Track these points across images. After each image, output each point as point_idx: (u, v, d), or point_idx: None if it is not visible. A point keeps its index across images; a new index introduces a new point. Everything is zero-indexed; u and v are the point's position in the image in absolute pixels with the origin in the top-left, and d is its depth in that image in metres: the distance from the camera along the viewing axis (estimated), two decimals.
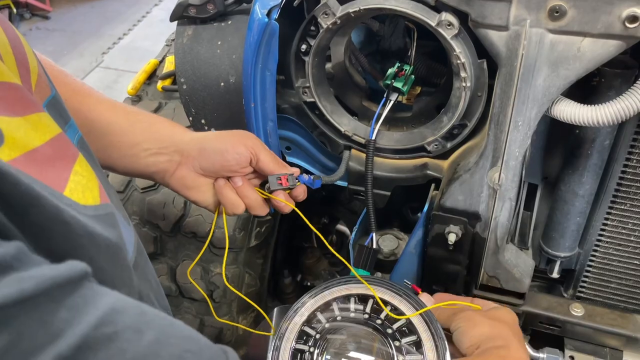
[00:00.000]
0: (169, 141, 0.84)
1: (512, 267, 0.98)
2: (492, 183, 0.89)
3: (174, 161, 0.84)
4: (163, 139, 0.84)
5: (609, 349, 1.03)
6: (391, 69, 0.99)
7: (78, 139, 0.67)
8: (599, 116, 0.78)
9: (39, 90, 0.61)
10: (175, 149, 0.84)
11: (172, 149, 0.84)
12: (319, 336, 0.85)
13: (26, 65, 0.60)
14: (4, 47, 0.57)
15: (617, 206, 0.97)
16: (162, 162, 0.84)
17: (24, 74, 0.59)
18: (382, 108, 0.98)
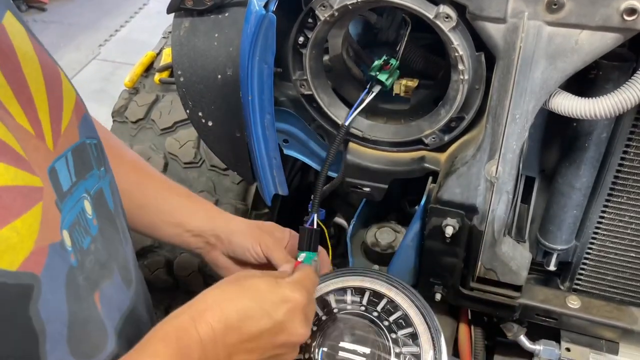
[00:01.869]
0: (209, 226, 0.97)
1: (509, 259, 0.98)
2: (489, 176, 0.89)
3: (210, 244, 0.98)
4: (204, 224, 0.97)
5: (605, 341, 1.03)
6: (377, 60, 0.99)
7: (96, 189, 0.69)
8: (597, 109, 0.78)
9: (66, 135, 0.63)
10: (212, 233, 0.97)
11: (210, 234, 0.97)
12: (315, 328, 0.85)
13: (59, 108, 0.63)
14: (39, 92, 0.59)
15: (614, 199, 0.97)
16: (200, 244, 0.98)
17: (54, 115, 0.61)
18: (365, 96, 0.99)
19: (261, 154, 1.02)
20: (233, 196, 1.45)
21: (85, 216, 0.65)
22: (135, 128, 1.52)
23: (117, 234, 0.74)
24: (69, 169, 0.62)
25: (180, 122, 1.48)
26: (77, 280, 0.60)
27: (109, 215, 0.72)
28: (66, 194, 0.61)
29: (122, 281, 0.73)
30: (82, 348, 0.59)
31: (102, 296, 0.65)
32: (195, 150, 1.45)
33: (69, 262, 0.58)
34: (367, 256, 1.22)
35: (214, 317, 0.64)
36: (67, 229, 0.59)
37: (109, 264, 0.69)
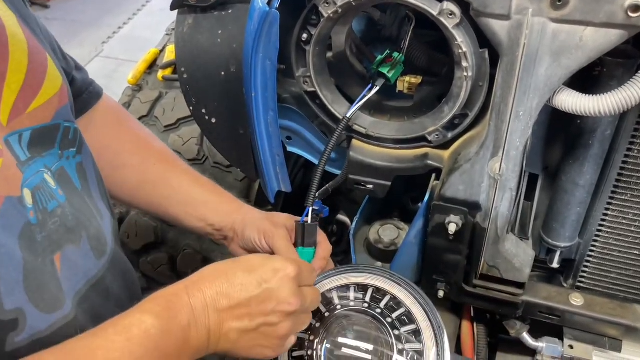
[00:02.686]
0: (229, 221, 1.02)
1: (512, 257, 0.98)
2: (492, 173, 0.89)
3: (229, 237, 1.03)
4: (225, 219, 1.02)
5: (608, 339, 1.03)
6: (380, 55, 0.99)
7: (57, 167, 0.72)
8: (601, 106, 0.78)
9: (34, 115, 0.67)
10: (230, 227, 1.02)
11: (229, 228, 1.02)
12: (318, 325, 0.85)
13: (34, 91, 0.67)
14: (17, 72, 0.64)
15: (618, 196, 0.97)
16: (220, 236, 1.04)
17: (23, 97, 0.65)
18: (367, 92, 0.99)
19: (264, 151, 1.03)
20: (236, 193, 1.45)
21: (48, 185, 0.69)
22: None
23: (88, 208, 0.78)
24: (21, 145, 0.66)
25: (183, 119, 1.48)
26: (34, 236, 0.63)
27: (77, 192, 0.76)
28: (24, 163, 0.65)
29: (92, 250, 0.77)
30: (41, 299, 0.63)
31: (63, 258, 0.69)
32: (198, 147, 1.45)
33: (27, 218, 0.62)
34: (370, 253, 1.22)
35: (206, 285, 0.66)
36: (30, 189, 0.63)
37: (77, 231, 0.73)
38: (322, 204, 1.19)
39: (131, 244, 1.46)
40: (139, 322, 0.61)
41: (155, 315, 0.61)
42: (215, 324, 0.66)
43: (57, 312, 0.66)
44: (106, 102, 1.04)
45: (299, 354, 0.83)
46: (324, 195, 1.19)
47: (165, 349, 0.62)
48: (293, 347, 0.83)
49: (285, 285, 0.70)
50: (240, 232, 1.00)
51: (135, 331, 0.60)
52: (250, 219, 1.00)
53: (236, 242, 1.02)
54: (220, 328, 0.66)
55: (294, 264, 0.73)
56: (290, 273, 0.71)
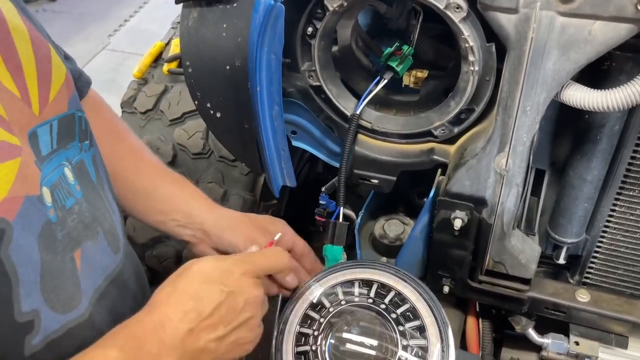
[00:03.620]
0: (197, 219, 0.96)
1: (518, 253, 0.97)
2: (499, 169, 0.88)
3: (196, 237, 0.97)
4: (192, 215, 0.96)
5: (615, 335, 1.03)
6: (389, 48, 0.98)
7: (77, 160, 0.72)
8: (609, 101, 0.77)
9: (54, 104, 0.67)
10: (199, 227, 0.96)
11: (197, 227, 0.96)
12: (323, 320, 0.85)
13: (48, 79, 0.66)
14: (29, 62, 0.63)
15: (626, 192, 0.96)
16: (187, 235, 0.98)
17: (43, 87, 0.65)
18: (375, 86, 0.98)
19: (269, 146, 1.02)
20: (241, 187, 1.45)
21: (67, 181, 0.68)
22: (144, 119, 1.52)
23: (102, 203, 0.77)
24: (51, 136, 0.65)
25: (188, 112, 1.48)
26: (54, 234, 0.63)
27: (92, 186, 0.75)
28: (45, 159, 0.64)
29: (109, 246, 0.76)
30: (56, 299, 0.62)
31: (83, 255, 0.69)
32: (204, 141, 1.45)
33: (47, 216, 0.61)
34: (375, 248, 1.21)
35: (169, 308, 0.66)
36: (48, 187, 0.62)
37: (93, 227, 0.72)
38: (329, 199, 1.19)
39: (137, 238, 1.46)
40: (103, 357, 0.59)
41: (119, 348, 0.60)
42: (190, 342, 0.65)
43: (72, 312, 0.65)
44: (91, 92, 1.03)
45: (303, 349, 0.83)
46: (330, 190, 1.19)
47: None
48: (297, 343, 0.83)
49: (245, 282, 0.71)
50: (215, 234, 0.96)
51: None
52: (229, 222, 0.97)
53: (206, 244, 0.97)
54: (197, 345, 0.66)
55: (244, 263, 0.73)
56: (246, 269, 0.72)
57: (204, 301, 0.67)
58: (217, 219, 0.97)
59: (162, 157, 1.44)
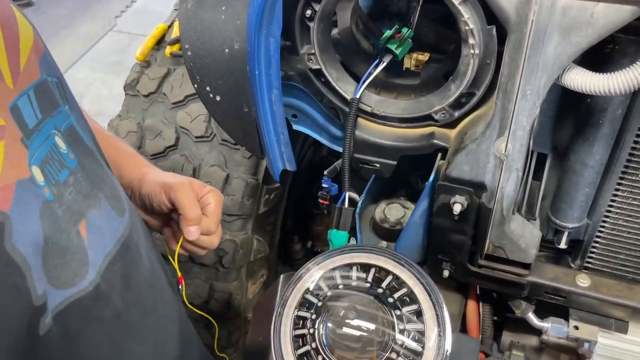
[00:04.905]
0: (127, 179, 0.94)
1: (518, 237, 0.97)
2: (498, 153, 0.88)
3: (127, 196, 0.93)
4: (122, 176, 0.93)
5: (615, 320, 1.03)
6: (388, 30, 0.97)
7: (66, 126, 0.69)
8: (612, 85, 0.76)
9: (26, 72, 0.62)
10: (128, 186, 0.94)
11: (126, 186, 0.93)
12: (320, 304, 0.86)
13: (16, 46, 0.61)
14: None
15: (628, 177, 0.95)
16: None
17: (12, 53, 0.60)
18: (374, 69, 0.97)
19: (269, 129, 1.02)
20: (244, 170, 1.45)
21: (58, 151, 0.65)
22: (147, 102, 1.52)
23: (99, 167, 0.75)
24: (32, 106, 0.62)
25: (191, 95, 1.47)
26: (54, 213, 0.61)
27: (86, 150, 0.73)
28: (33, 131, 0.61)
29: (113, 210, 0.74)
30: (57, 278, 0.61)
31: (89, 225, 0.67)
32: (206, 124, 1.44)
33: (43, 196, 0.59)
34: (376, 232, 1.21)
35: None
36: (37, 165, 0.60)
37: (93, 194, 0.70)
38: (332, 182, 1.19)
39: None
40: None
41: None
42: None
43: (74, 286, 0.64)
44: None
45: (301, 332, 0.84)
46: (332, 174, 1.19)
47: None
48: (295, 326, 0.84)
49: None
50: (137, 189, 0.93)
51: None
52: (151, 177, 0.94)
53: (134, 202, 0.94)
54: None
55: None
56: None
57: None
58: (143, 177, 0.94)
59: (165, 140, 1.44)
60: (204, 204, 0.92)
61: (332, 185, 1.18)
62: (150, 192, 0.91)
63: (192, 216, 0.87)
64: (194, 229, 0.87)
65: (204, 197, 0.92)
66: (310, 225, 1.88)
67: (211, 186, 0.96)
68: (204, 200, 0.92)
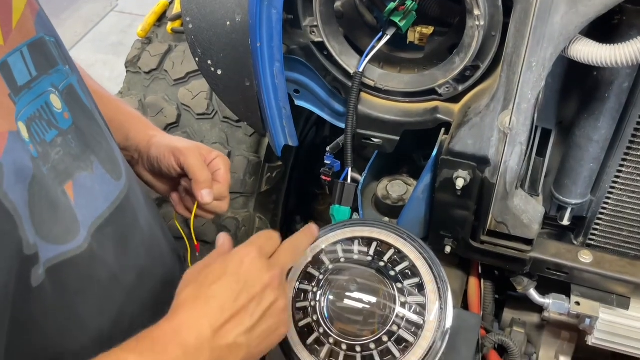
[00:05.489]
0: (134, 141, 0.95)
1: (521, 213, 0.96)
2: (502, 127, 0.87)
3: (134, 159, 0.97)
4: (129, 138, 0.95)
5: (616, 296, 1.03)
6: (392, 2, 0.95)
7: (65, 85, 0.68)
8: (618, 56, 0.75)
9: (19, 30, 0.62)
10: (135, 149, 0.95)
11: (133, 149, 0.95)
12: (322, 277, 0.86)
13: (7, 4, 0.61)
14: None
15: (634, 152, 0.94)
16: (126, 156, 0.94)
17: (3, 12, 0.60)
18: (377, 42, 0.96)
19: (270, 104, 1.01)
20: (246, 148, 1.45)
21: (51, 110, 0.65)
22: (149, 78, 1.51)
23: (98, 129, 0.75)
24: (26, 64, 0.62)
25: (192, 72, 1.46)
26: (40, 169, 0.61)
27: (85, 111, 0.73)
28: (22, 89, 0.61)
29: (108, 173, 0.74)
30: (49, 232, 0.61)
31: (76, 186, 0.67)
32: (208, 101, 1.44)
33: (29, 152, 0.60)
34: (378, 209, 1.21)
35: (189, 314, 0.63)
36: (23, 122, 0.60)
37: (85, 157, 0.70)
38: (334, 159, 1.18)
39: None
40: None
41: (138, 354, 0.57)
42: (217, 342, 0.62)
43: (69, 243, 0.64)
44: None
45: (303, 305, 0.84)
46: (335, 150, 1.18)
47: None
48: (297, 299, 0.84)
49: (256, 267, 0.68)
50: (145, 152, 0.94)
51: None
52: (159, 140, 0.95)
53: (141, 165, 0.96)
54: (225, 342, 0.63)
55: (249, 245, 0.70)
56: (252, 254, 0.69)
57: (223, 297, 0.64)
58: (150, 139, 0.95)
59: (166, 118, 1.44)
60: (213, 169, 0.93)
61: (334, 161, 1.17)
62: (159, 155, 0.92)
63: (203, 179, 0.89)
64: (206, 193, 0.89)
65: (213, 162, 0.93)
66: (313, 205, 1.87)
67: (218, 151, 0.96)
68: (213, 166, 0.93)
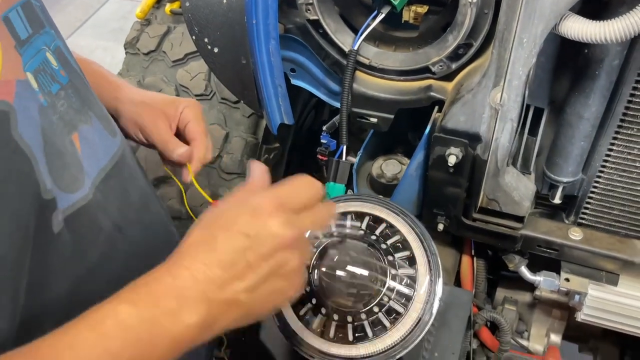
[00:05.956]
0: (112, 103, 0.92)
1: (512, 190, 0.98)
2: (494, 103, 0.88)
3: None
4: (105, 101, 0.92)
5: (605, 273, 1.04)
6: None
7: (55, 46, 0.70)
8: (607, 32, 0.76)
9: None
10: (114, 110, 0.92)
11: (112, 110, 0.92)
12: (315, 250, 0.87)
13: None
14: None
15: (624, 131, 0.95)
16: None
17: None
18: (372, 20, 0.97)
19: (266, 81, 1.02)
20: (244, 129, 1.46)
21: (50, 66, 0.66)
22: (147, 60, 1.52)
23: (88, 90, 0.76)
24: (22, 21, 0.62)
25: (191, 53, 1.47)
26: (49, 117, 0.62)
27: (75, 71, 0.74)
28: (24, 42, 0.62)
29: (105, 129, 0.76)
30: (61, 179, 0.62)
31: (81, 138, 0.68)
32: (206, 82, 1.45)
33: (39, 101, 0.61)
34: (373, 187, 1.22)
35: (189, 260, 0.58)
36: (31, 72, 0.61)
37: (84, 111, 0.71)
38: (330, 138, 1.20)
39: None
40: (114, 312, 0.53)
41: (132, 304, 0.54)
42: (216, 295, 0.57)
43: (77, 192, 0.65)
44: None
45: None
46: (331, 129, 1.19)
47: (152, 339, 0.54)
48: None
49: (273, 222, 0.60)
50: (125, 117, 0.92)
51: (109, 323, 0.52)
52: (125, 108, 0.92)
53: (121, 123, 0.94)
54: (224, 297, 0.58)
55: (267, 197, 0.62)
56: (267, 207, 0.61)
57: (227, 249, 0.59)
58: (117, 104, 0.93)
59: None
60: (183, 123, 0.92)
61: (330, 140, 1.18)
62: (125, 127, 0.92)
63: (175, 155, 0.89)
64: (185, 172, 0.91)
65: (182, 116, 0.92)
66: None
67: (185, 99, 0.95)
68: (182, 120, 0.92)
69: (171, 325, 0.55)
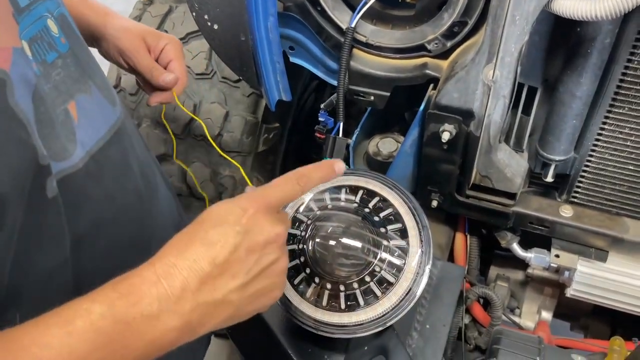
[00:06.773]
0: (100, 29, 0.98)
1: (504, 166, 1.00)
2: (486, 80, 0.90)
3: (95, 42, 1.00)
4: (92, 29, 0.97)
5: (595, 250, 1.06)
6: None
7: (59, 13, 0.71)
8: (598, 9, 0.77)
9: None
10: (100, 35, 0.98)
11: (98, 36, 0.98)
12: (310, 222, 0.90)
13: None
14: None
15: (616, 110, 0.97)
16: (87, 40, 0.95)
17: None
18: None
19: (264, 58, 1.04)
20: (244, 108, 1.48)
21: (49, 33, 0.67)
22: None
23: (91, 58, 0.78)
24: None
25: (192, 33, 1.49)
26: (42, 87, 0.63)
27: (78, 39, 0.75)
28: (24, 10, 0.63)
29: (105, 99, 0.78)
30: (51, 147, 0.63)
31: (79, 107, 0.70)
32: (207, 61, 1.46)
33: (33, 69, 0.62)
34: (369, 165, 1.24)
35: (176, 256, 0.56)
36: (26, 40, 0.62)
37: (83, 80, 0.73)
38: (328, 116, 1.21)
39: None
40: (87, 312, 0.50)
41: (108, 304, 0.51)
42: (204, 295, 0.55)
43: (65, 161, 0.66)
44: None
45: (292, 248, 0.88)
46: (329, 107, 1.21)
47: (125, 343, 0.51)
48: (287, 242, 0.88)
49: (262, 220, 0.61)
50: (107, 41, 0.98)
51: (78, 324, 0.49)
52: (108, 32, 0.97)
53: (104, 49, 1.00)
54: (213, 297, 0.56)
55: (258, 197, 0.63)
56: (260, 206, 0.61)
57: (218, 246, 0.57)
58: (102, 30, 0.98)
59: None
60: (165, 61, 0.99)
61: (328, 118, 1.20)
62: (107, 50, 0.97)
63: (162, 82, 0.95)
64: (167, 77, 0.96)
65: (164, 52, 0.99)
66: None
67: (167, 35, 1.02)
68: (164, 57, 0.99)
69: (148, 328, 0.52)
